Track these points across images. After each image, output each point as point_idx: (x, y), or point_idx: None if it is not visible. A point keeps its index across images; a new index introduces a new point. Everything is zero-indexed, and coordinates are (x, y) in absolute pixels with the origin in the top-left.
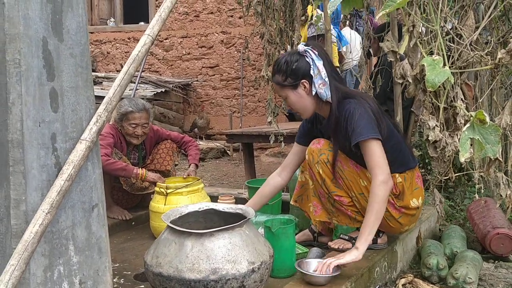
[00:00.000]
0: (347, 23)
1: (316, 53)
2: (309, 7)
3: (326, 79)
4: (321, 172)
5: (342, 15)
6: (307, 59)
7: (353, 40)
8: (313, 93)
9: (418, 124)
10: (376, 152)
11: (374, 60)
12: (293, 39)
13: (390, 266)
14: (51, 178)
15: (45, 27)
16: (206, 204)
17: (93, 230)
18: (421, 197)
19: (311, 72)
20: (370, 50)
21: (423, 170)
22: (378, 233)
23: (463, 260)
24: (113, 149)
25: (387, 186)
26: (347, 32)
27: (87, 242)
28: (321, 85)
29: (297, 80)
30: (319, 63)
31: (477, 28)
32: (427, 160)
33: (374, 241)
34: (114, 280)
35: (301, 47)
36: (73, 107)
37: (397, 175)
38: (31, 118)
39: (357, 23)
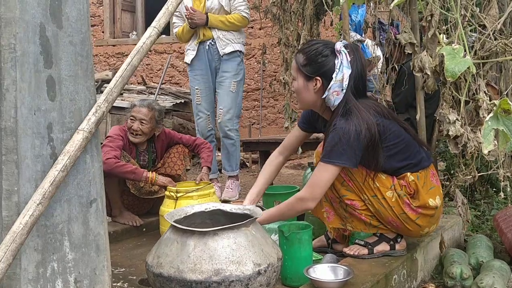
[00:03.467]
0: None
1: (350, 59)
2: None
3: (344, 91)
4: None
5: (363, 24)
6: (336, 61)
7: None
8: (323, 95)
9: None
10: (323, 176)
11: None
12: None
13: (409, 274)
14: (46, 169)
15: (43, 13)
16: (213, 205)
17: (90, 226)
18: (439, 196)
19: (334, 75)
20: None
21: (448, 183)
22: (396, 238)
23: (489, 269)
24: (122, 152)
25: (302, 205)
26: (369, 43)
27: (84, 238)
28: (335, 94)
29: (314, 74)
30: (346, 71)
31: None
32: (452, 171)
33: (392, 247)
34: (118, 284)
35: (339, 45)
36: (71, 97)
37: (408, 174)
38: (26, 105)
39: (381, 37)
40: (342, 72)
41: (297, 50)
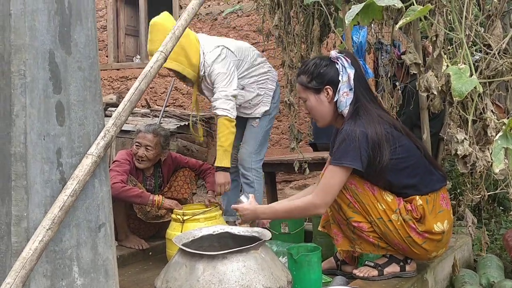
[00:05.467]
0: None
1: (349, 61)
2: None
3: (352, 89)
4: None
5: (366, 45)
6: (337, 66)
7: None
8: (335, 99)
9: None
10: (332, 179)
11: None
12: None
13: None
14: (55, 194)
15: (52, 39)
16: (221, 227)
17: (99, 251)
18: (447, 220)
19: (339, 78)
20: (396, 83)
21: (454, 202)
22: (406, 259)
23: None
24: (128, 176)
25: (313, 210)
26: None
27: (92, 263)
28: (345, 94)
29: (322, 84)
30: (351, 71)
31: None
32: (458, 190)
33: (402, 268)
34: None
35: (333, 53)
36: (80, 121)
37: (417, 197)
38: (36, 131)
39: (382, 57)
40: (347, 72)
41: (296, 75)
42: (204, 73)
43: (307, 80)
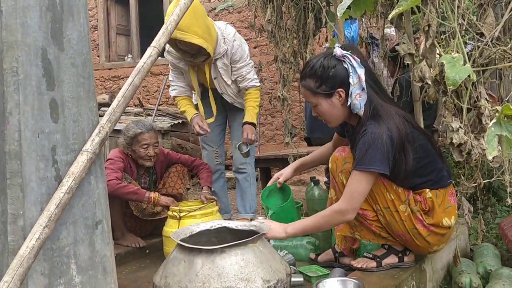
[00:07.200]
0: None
1: (358, 60)
2: None
3: (365, 90)
4: (344, 181)
5: (358, 39)
6: (345, 65)
7: None
8: (348, 103)
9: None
10: (360, 185)
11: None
12: (306, 56)
13: (419, 286)
14: (51, 192)
15: (45, 36)
16: (218, 222)
17: (97, 248)
18: (453, 216)
19: (350, 80)
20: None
21: None
22: (404, 251)
23: (498, 278)
24: (123, 173)
25: (341, 217)
26: None
27: (90, 260)
28: (358, 96)
29: (333, 88)
30: (361, 71)
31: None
32: (453, 182)
33: (401, 259)
34: None
35: (338, 51)
36: (74, 118)
37: (427, 190)
38: (30, 128)
39: (374, 51)
40: (357, 73)
41: (299, 78)
42: (225, 50)
43: (315, 85)
